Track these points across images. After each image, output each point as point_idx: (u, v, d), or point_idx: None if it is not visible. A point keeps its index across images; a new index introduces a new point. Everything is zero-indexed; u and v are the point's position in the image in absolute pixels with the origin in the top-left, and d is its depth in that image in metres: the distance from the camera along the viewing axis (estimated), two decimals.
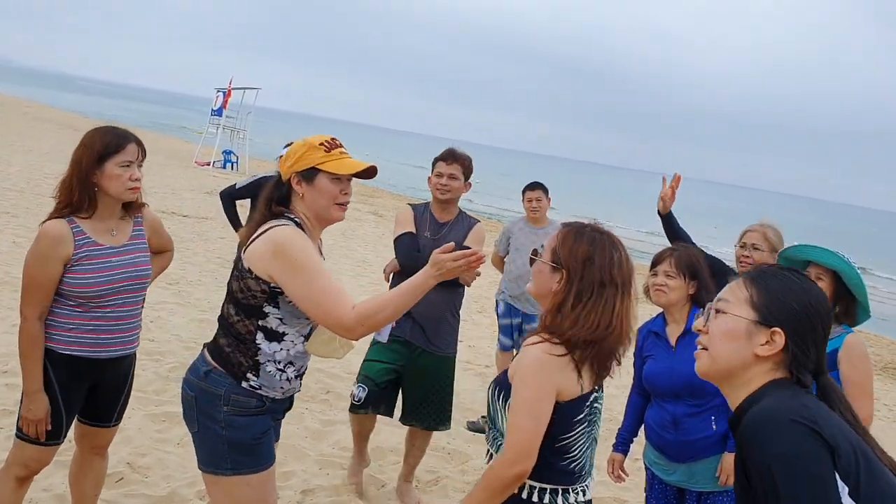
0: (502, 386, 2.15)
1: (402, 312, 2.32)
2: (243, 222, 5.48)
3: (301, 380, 2.57)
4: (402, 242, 3.98)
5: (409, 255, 3.91)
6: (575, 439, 2.11)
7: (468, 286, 4.10)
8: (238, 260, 2.45)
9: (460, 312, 4.16)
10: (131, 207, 2.89)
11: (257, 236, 2.39)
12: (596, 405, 2.17)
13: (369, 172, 2.46)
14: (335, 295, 2.27)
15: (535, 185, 5.97)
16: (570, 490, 2.13)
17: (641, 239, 27.35)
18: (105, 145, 2.71)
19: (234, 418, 2.38)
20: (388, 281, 4.30)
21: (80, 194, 2.71)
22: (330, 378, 5.88)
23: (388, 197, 25.95)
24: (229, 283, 2.47)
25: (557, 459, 2.08)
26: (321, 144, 2.44)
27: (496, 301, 6.13)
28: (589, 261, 2.10)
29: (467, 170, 4.07)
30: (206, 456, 2.43)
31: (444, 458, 4.79)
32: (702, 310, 2.92)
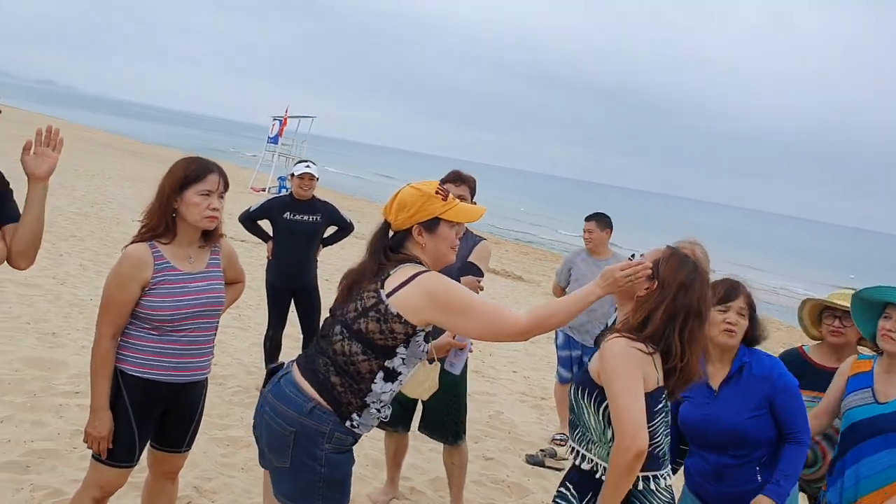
0: (584, 384, 2.34)
1: (571, 319, 2.41)
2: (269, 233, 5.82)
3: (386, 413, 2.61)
4: None
5: None
6: (657, 427, 2.27)
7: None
8: (377, 303, 2.39)
9: None
10: (210, 237, 2.95)
11: (403, 283, 2.38)
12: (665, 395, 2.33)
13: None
14: (499, 313, 2.38)
15: (590, 217, 5.91)
16: (659, 475, 2.30)
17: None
18: (187, 174, 2.79)
19: (333, 456, 2.39)
20: None
21: (160, 220, 2.80)
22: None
23: None
24: (353, 323, 2.42)
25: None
26: (437, 193, 2.49)
27: (556, 333, 6.08)
28: (684, 287, 2.28)
29: (473, 190, 4.17)
30: (295, 492, 2.41)
31: (503, 491, 4.74)
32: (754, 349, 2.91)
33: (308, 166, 5.76)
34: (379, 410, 2.47)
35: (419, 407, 4.18)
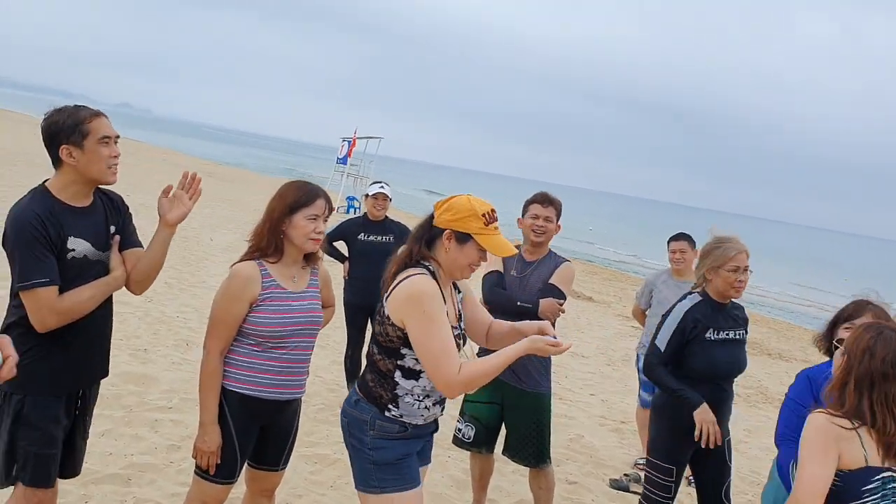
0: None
1: (493, 377, 2.53)
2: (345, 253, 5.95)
3: (442, 406, 2.73)
4: (488, 280, 4.09)
5: (494, 291, 4.02)
6: None
7: (550, 321, 4.04)
8: (381, 305, 2.64)
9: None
10: (311, 259, 3.05)
11: (398, 283, 2.58)
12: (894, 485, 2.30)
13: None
14: (449, 355, 2.48)
15: (679, 236, 5.81)
16: None
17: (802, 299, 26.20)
18: (297, 198, 2.89)
19: (380, 441, 2.62)
20: None
21: (269, 240, 2.90)
22: None
23: None
24: (373, 325, 2.69)
25: None
26: (484, 215, 2.61)
27: (637, 355, 5.98)
28: (869, 352, 2.33)
29: (559, 212, 4.17)
30: (358, 475, 2.67)
31: None
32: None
33: (382, 187, 5.87)
34: (420, 401, 2.63)
35: (504, 429, 4.17)
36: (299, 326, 2.91)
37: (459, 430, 4.18)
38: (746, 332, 3.79)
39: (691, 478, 5.50)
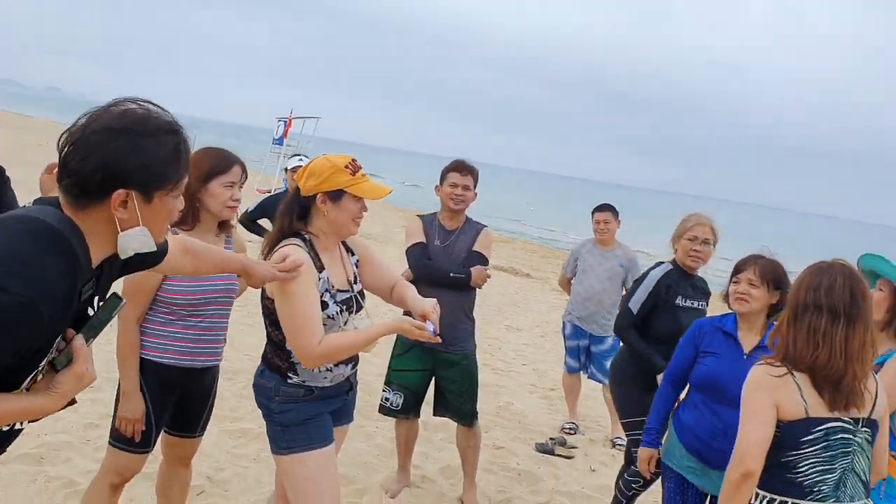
0: None
1: (356, 352, 2.67)
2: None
3: (350, 365, 2.77)
4: (413, 253, 4.14)
5: (421, 263, 4.10)
6: (803, 458, 2.27)
7: (479, 288, 4.18)
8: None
9: (474, 314, 4.29)
10: (224, 227, 3.03)
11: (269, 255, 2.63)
12: (843, 435, 2.27)
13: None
14: (311, 326, 2.52)
15: (603, 207, 5.93)
16: (793, 503, 2.30)
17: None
18: (212, 166, 2.87)
19: (286, 405, 2.67)
20: None
21: (184, 208, 2.85)
22: None
23: None
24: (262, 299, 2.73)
25: (782, 472, 2.29)
26: (346, 167, 2.64)
27: (563, 323, 6.09)
28: (799, 285, 2.35)
29: (477, 180, 4.24)
30: (271, 439, 2.72)
31: (514, 479, 4.76)
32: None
33: (301, 160, 5.72)
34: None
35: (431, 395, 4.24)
36: (214, 294, 2.90)
37: (387, 399, 4.23)
38: (707, 304, 3.97)
39: (616, 440, 5.67)
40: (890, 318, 2.81)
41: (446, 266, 4.05)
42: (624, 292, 5.87)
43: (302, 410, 2.67)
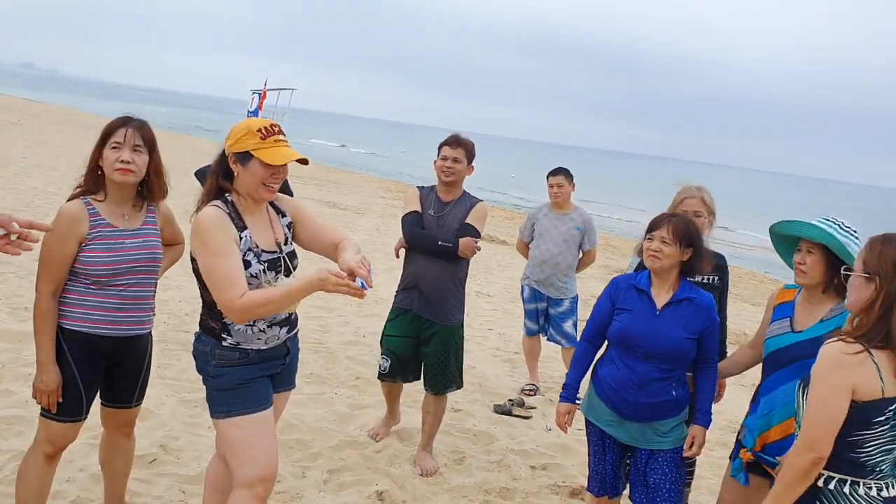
0: (806, 382, 2.33)
1: (282, 310, 2.65)
2: None
3: (284, 328, 2.78)
4: (407, 220, 4.30)
5: (413, 231, 4.26)
6: (871, 438, 2.22)
7: (467, 258, 4.29)
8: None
9: (465, 285, 4.45)
10: (145, 197, 3.01)
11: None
12: None
13: (301, 162, 2.70)
14: (231, 280, 2.53)
15: (557, 171, 5.99)
16: (861, 483, 2.26)
17: None
18: (106, 130, 2.90)
19: (221, 369, 2.71)
20: (398, 257, 4.57)
21: (89, 177, 2.91)
22: (359, 365, 5.99)
23: None
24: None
25: (847, 451, 2.23)
26: (258, 131, 2.63)
27: (521, 286, 6.17)
28: (884, 257, 2.21)
29: (470, 154, 4.34)
30: (209, 403, 2.77)
31: (469, 439, 4.85)
32: (690, 280, 3.14)
33: None
34: (251, 325, 2.68)
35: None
36: (135, 264, 2.90)
37: (380, 364, 4.46)
38: (721, 278, 3.81)
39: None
40: (829, 279, 2.87)
41: (437, 235, 4.19)
42: (580, 255, 5.95)
43: (237, 374, 2.71)
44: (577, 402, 3.39)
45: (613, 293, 3.28)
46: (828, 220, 2.87)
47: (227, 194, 2.71)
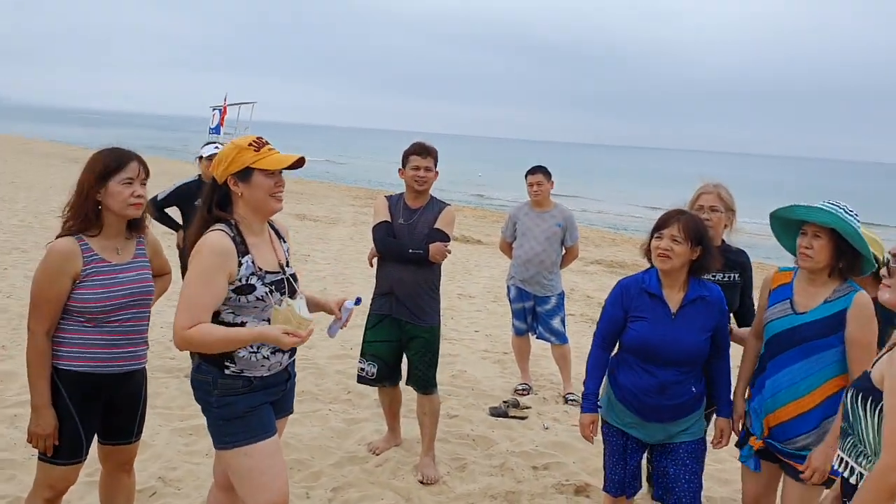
0: (868, 391, 2.07)
1: (222, 350, 2.59)
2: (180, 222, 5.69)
3: (286, 353, 2.76)
4: (378, 230, 4.37)
5: (385, 241, 4.34)
6: None
7: (438, 263, 4.37)
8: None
9: (440, 286, 4.52)
10: (136, 227, 2.97)
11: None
12: None
13: (298, 163, 2.70)
14: (193, 308, 2.51)
15: (535, 170, 5.98)
16: None
17: (641, 215, 27.32)
18: (107, 164, 2.80)
19: (225, 398, 2.66)
20: (371, 266, 4.62)
21: (86, 213, 2.80)
22: (350, 379, 5.92)
23: None
24: None
25: None
26: (250, 145, 2.67)
27: (507, 286, 6.16)
28: None
29: (436, 160, 4.46)
30: (213, 435, 2.71)
31: (469, 445, 4.83)
32: (701, 279, 3.05)
33: (217, 147, 5.62)
34: (255, 352, 2.66)
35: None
36: (129, 298, 2.85)
37: (363, 369, 4.47)
38: (742, 275, 3.78)
39: (568, 396, 5.79)
40: (835, 262, 2.89)
41: (408, 243, 4.26)
42: (563, 251, 5.96)
43: (242, 402, 2.67)
44: (599, 409, 3.28)
45: (624, 298, 3.16)
46: (831, 203, 2.89)
47: (229, 219, 2.68)
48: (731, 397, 3.27)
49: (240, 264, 2.61)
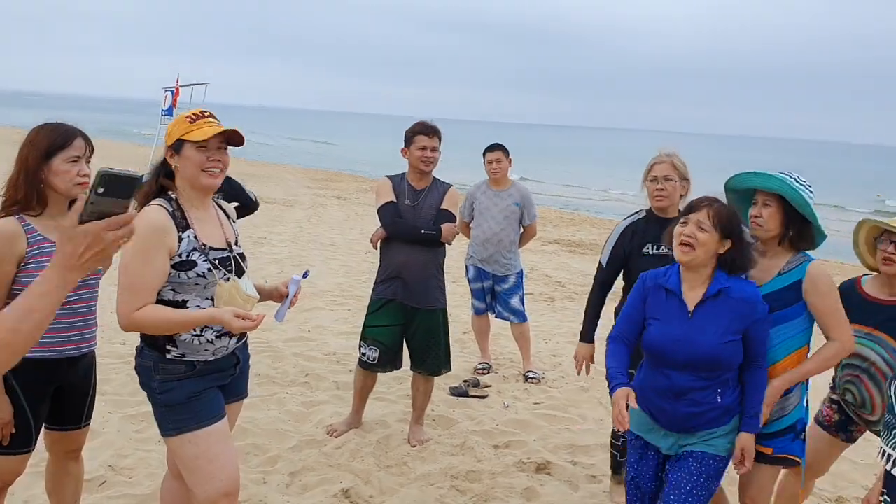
0: None
1: (172, 333, 2.49)
2: None
3: (233, 338, 2.64)
4: (385, 211, 4.33)
5: (396, 223, 4.30)
6: None
7: (449, 244, 4.37)
8: None
9: (444, 270, 4.53)
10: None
11: None
12: None
13: (235, 140, 2.57)
14: (137, 290, 2.41)
15: (494, 147, 5.93)
16: None
17: (598, 198, 27.60)
18: (52, 141, 2.67)
19: (167, 384, 2.56)
20: (375, 248, 4.56)
21: (28, 192, 2.66)
22: (308, 361, 5.84)
23: (349, 180, 25.85)
24: None
25: None
26: (188, 117, 2.58)
27: (466, 267, 6.12)
28: None
29: (441, 139, 4.41)
30: (158, 423, 2.62)
31: (429, 425, 4.78)
32: (737, 276, 2.74)
33: None
34: (199, 335, 2.55)
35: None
36: None
37: (364, 353, 4.47)
38: None
39: (528, 374, 5.79)
40: (785, 231, 2.88)
41: (416, 224, 4.22)
42: (521, 230, 5.93)
43: (185, 388, 2.56)
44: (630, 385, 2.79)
45: (644, 292, 2.86)
46: (783, 173, 2.89)
47: (169, 192, 2.58)
48: (760, 411, 2.80)
49: (180, 239, 2.50)
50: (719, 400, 2.72)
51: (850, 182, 47.08)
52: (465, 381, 5.57)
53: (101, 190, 1.52)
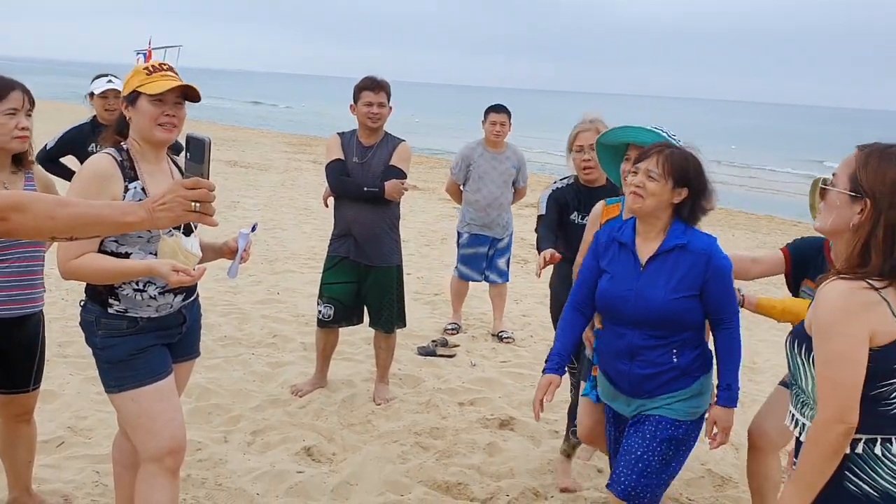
0: (801, 338, 1.90)
1: (111, 282, 2.43)
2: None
3: (179, 296, 2.58)
4: (332, 169, 4.29)
5: (340, 181, 4.26)
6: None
7: (396, 201, 4.31)
8: None
9: (399, 225, 4.50)
10: (22, 163, 2.79)
11: None
12: None
13: (191, 95, 2.49)
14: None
15: (499, 108, 5.72)
16: (894, 439, 1.83)
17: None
18: None
19: (108, 339, 2.50)
20: (327, 206, 4.59)
21: None
22: (275, 322, 5.81)
23: (325, 144, 25.58)
24: None
25: (873, 406, 1.81)
26: (145, 69, 2.51)
27: (458, 233, 5.98)
28: (884, 178, 1.79)
29: (390, 95, 4.30)
30: (101, 379, 2.59)
31: (395, 384, 4.78)
32: (693, 228, 2.60)
33: (111, 80, 5.17)
34: (142, 290, 2.49)
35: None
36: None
37: (320, 311, 4.46)
38: None
39: (501, 333, 5.79)
40: None
41: (363, 181, 4.16)
42: (513, 191, 5.84)
43: (127, 344, 2.50)
44: (563, 374, 2.74)
45: (597, 248, 2.74)
46: (654, 126, 2.80)
47: (122, 143, 2.52)
48: (733, 381, 2.62)
49: (126, 189, 2.44)
50: (675, 360, 2.58)
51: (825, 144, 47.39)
52: (433, 341, 5.56)
53: (188, 155, 1.75)
